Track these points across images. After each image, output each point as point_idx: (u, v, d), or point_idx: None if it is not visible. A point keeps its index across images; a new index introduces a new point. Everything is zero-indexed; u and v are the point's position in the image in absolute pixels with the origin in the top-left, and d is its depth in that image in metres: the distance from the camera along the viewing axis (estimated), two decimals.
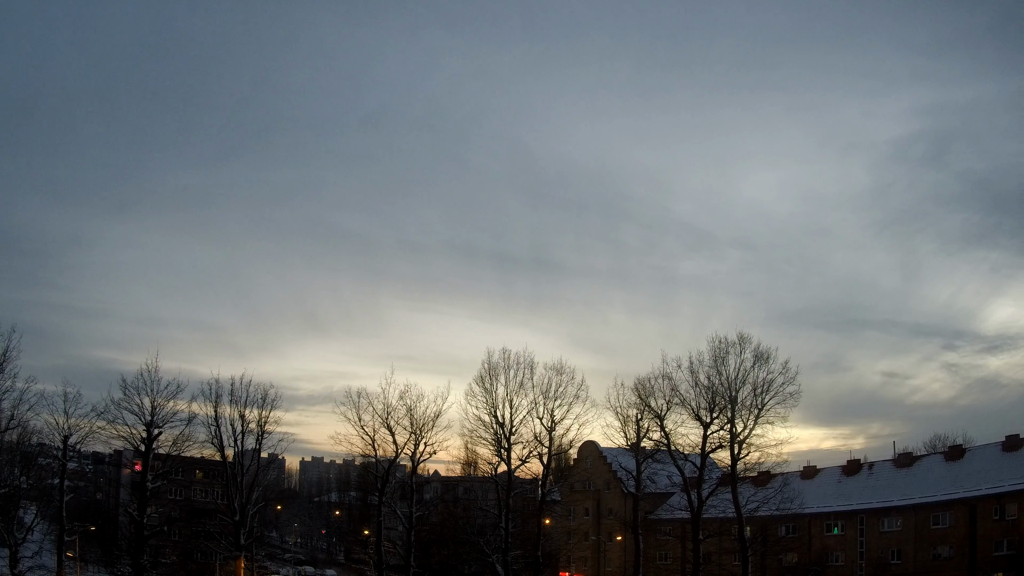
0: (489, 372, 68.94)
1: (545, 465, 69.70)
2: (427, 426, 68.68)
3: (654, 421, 66.40)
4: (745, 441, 62.75)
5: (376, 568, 71.10)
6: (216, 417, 68.07)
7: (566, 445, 72.15)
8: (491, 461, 71.07)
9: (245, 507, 68.36)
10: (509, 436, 68.20)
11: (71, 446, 66.43)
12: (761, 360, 62.28)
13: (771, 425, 62.11)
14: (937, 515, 68.03)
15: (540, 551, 70.40)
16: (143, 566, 64.71)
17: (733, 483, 63.92)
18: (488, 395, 68.62)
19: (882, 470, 77.13)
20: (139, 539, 65.09)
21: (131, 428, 64.12)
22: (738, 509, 63.65)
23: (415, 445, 69.02)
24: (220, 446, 68.77)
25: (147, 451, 64.85)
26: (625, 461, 76.16)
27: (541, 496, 72.79)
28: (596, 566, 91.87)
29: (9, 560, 60.95)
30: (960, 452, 73.20)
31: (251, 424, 69.20)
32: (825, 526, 74.92)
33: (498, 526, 70.21)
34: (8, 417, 60.72)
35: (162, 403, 64.54)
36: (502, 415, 68.29)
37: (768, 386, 61.82)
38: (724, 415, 63.17)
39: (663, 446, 67.40)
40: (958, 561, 65.47)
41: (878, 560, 70.14)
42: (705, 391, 63.74)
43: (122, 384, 63.53)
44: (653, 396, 66.16)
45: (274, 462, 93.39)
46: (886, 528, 71.09)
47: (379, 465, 70.98)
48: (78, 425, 63.42)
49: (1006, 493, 63.52)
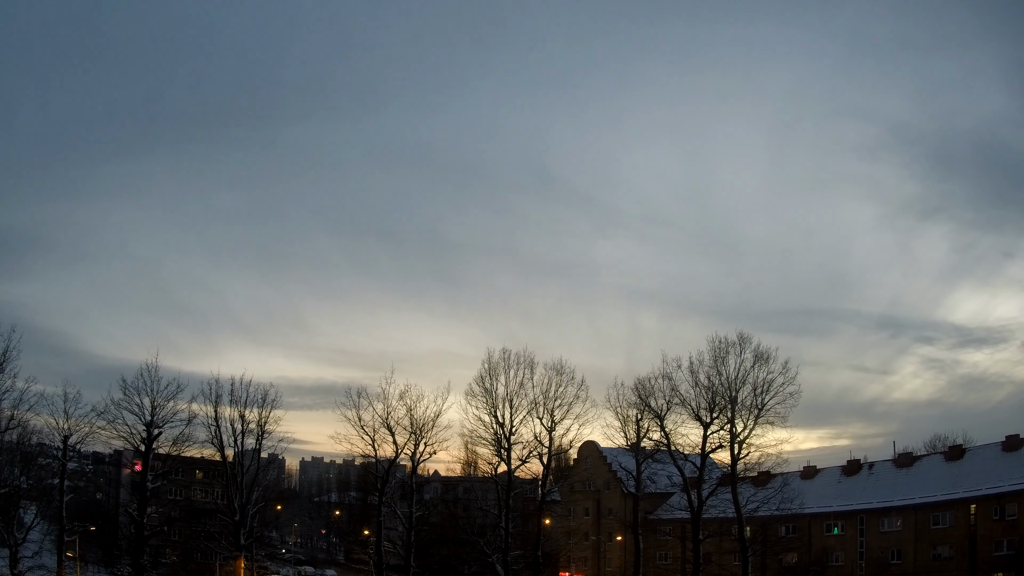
0: (489, 372, 68.96)
1: (545, 465, 69.70)
2: (427, 426, 68.81)
3: (654, 421, 66.47)
4: (745, 441, 62.86)
5: (376, 568, 71.06)
6: (216, 417, 68.10)
7: (566, 445, 72.13)
8: (491, 461, 71.11)
9: (245, 507, 68.30)
10: (509, 436, 68.18)
11: (71, 446, 66.51)
12: (761, 360, 62.49)
13: (771, 425, 62.36)
14: (937, 515, 68.04)
15: (540, 551, 70.37)
16: (143, 566, 64.72)
17: (733, 483, 63.95)
18: (488, 395, 68.62)
19: (882, 470, 77.16)
20: (139, 539, 65.10)
21: (131, 428, 64.27)
22: (738, 509, 63.67)
23: (415, 445, 69.12)
24: (220, 446, 68.77)
25: (147, 451, 64.86)
26: (625, 461, 76.11)
27: (541, 496, 72.77)
28: (596, 566, 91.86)
29: (9, 560, 60.98)
30: (960, 452, 73.23)
31: (251, 424, 69.28)
32: (825, 526, 74.93)
33: (498, 526, 70.15)
34: (8, 417, 60.90)
35: (162, 403, 64.70)
36: (502, 415, 68.34)
37: (768, 386, 62.00)
38: (724, 415, 63.21)
39: (663, 446, 67.43)
40: (958, 561, 65.49)
41: (878, 560, 70.15)
42: (705, 391, 63.88)
43: (122, 384, 63.67)
44: (653, 396, 66.29)
45: (274, 462, 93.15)
46: (886, 528, 71.12)
47: (379, 465, 70.98)
48: (78, 425, 63.63)
49: (1006, 493, 63.57)
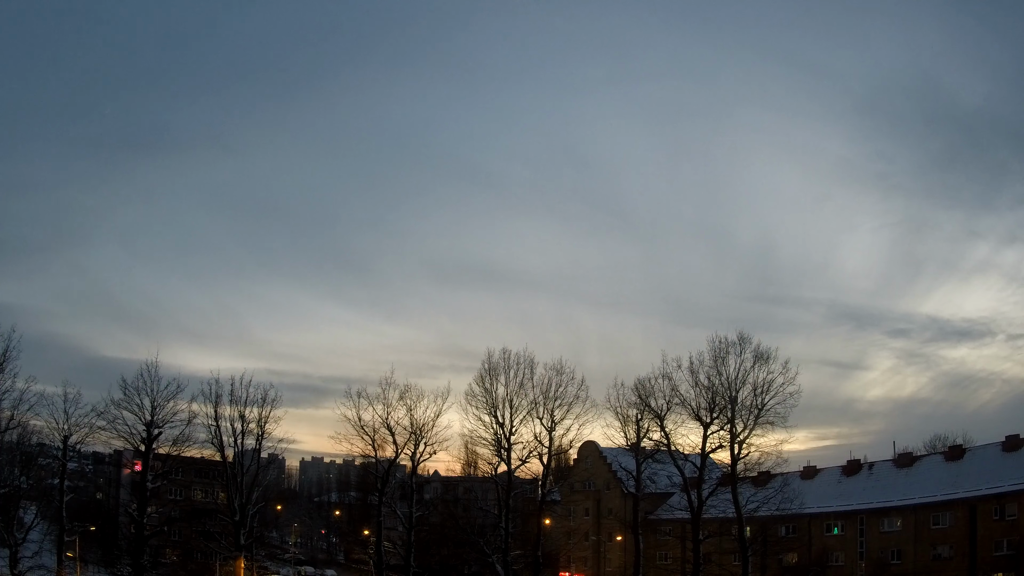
0: (489, 372, 69.06)
1: (545, 465, 69.76)
2: (427, 426, 68.87)
3: (654, 421, 66.46)
4: (745, 441, 62.84)
5: (376, 568, 71.10)
6: (216, 417, 68.17)
7: (566, 445, 72.20)
8: (491, 461, 71.21)
9: (245, 507, 68.32)
10: (509, 436, 68.23)
11: (71, 446, 66.62)
12: (761, 360, 62.50)
13: (771, 425, 62.32)
14: (937, 515, 68.01)
15: (540, 551, 70.31)
16: (143, 566, 64.76)
17: (733, 483, 63.94)
18: (488, 395, 68.74)
19: (882, 470, 77.11)
20: (139, 539, 65.16)
21: (131, 428, 64.34)
22: (738, 509, 63.67)
23: (415, 445, 69.14)
24: (220, 446, 68.85)
25: (147, 451, 64.97)
26: (625, 461, 76.08)
27: (541, 496, 72.79)
28: (596, 566, 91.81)
29: (9, 560, 61.07)
30: (960, 452, 73.22)
31: (251, 424, 69.31)
32: (825, 526, 74.88)
33: (498, 526, 70.18)
34: (8, 417, 60.96)
35: (162, 403, 64.81)
36: (502, 415, 68.40)
37: (768, 386, 62.05)
38: (724, 415, 63.21)
39: (663, 446, 67.42)
40: (958, 561, 65.46)
41: (878, 560, 70.13)
42: (705, 391, 63.95)
43: (122, 384, 63.75)
44: (653, 396, 66.32)
45: (274, 462, 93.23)
46: (886, 528, 71.08)
47: (379, 465, 70.99)
48: (78, 425, 63.72)
49: (1006, 493, 63.56)
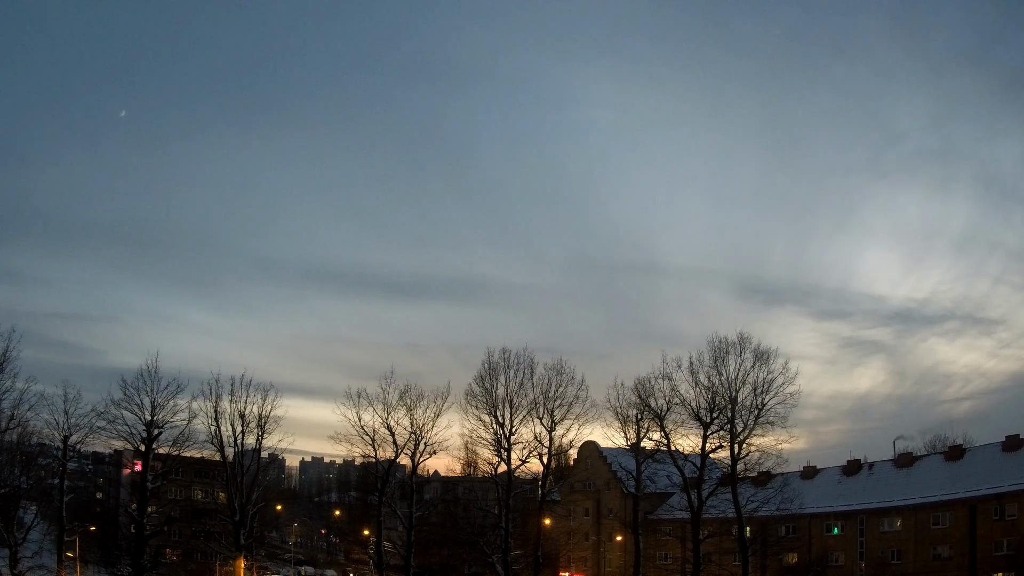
0: (489, 372, 68.95)
1: (545, 465, 69.71)
2: (427, 426, 68.82)
3: (654, 421, 66.41)
4: (745, 441, 62.84)
5: (376, 568, 71.05)
6: (216, 417, 68.11)
7: (566, 445, 72.21)
8: (491, 461, 71.13)
9: (245, 507, 68.25)
10: (509, 436, 68.18)
11: (71, 446, 66.57)
12: (761, 360, 62.54)
13: (771, 425, 62.33)
14: (937, 515, 68.05)
15: (540, 551, 70.28)
16: (143, 566, 64.66)
17: (733, 483, 63.94)
18: (488, 395, 68.61)
19: (882, 470, 77.11)
20: (139, 539, 65.09)
21: (131, 428, 64.31)
22: (738, 509, 63.67)
23: (415, 445, 69.11)
24: (220, 446, 68.76)
25: (147, 451, 64.92)
26: (625, 461, 76.09)
27: (541, 496, 72.72)
28: (596, 566, 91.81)
29: (9, 560, 61.11)
30: (960, 452, 73.24)
31: (251, 424, 69.24)
32: (825, 526, 74.89)
33: (498, 526, 70.12)
34: (8, 417, 61.00)
35: (162, 402, 64.75)
36: (502, 415, 68.31)
37: (768, 386, 62.07)
38: (724, 415, 63.21)
39: (663, 446, 67.38)
40: (958, 561, 65.48)
41: (878, 560, 70.15)
42: (705, 391, 63.96)
43: (122, 384, 63.70)
44: (653, 396, 66.26)
45: (274, 462, 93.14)
46: (886, 528, 71.10)
47: (379, 465, 70.97)
48: (78, 425, 63.71)
49: (1006, 493, 63.59)
